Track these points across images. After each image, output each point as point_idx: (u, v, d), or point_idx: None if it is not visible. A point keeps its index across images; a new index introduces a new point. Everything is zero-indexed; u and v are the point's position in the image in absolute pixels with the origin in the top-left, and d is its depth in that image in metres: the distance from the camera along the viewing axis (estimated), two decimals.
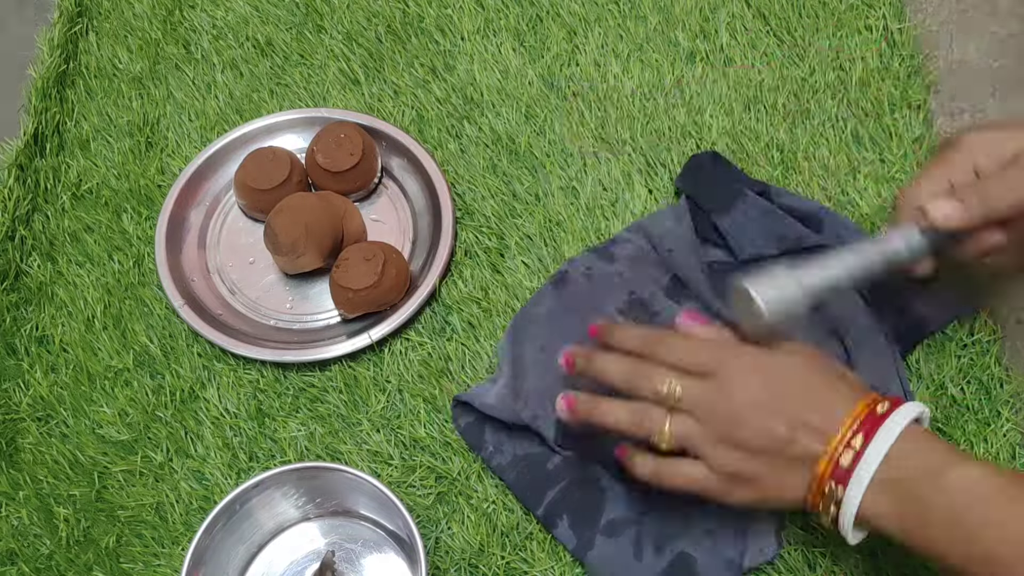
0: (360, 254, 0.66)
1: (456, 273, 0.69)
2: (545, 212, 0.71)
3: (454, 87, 0.77)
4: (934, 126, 0.72)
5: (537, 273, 0.68)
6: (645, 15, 0.79)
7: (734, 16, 0.78)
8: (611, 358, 0.54)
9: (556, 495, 0.59)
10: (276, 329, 0.68)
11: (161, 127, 0.78)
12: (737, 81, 0.75)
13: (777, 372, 0.51)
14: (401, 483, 0.62)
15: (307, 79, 0.79)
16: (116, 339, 0.68)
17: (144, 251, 0.72)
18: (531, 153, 0.73)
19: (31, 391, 0.66)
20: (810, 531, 0.58)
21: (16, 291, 0.70)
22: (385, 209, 0.74)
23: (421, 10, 0.81)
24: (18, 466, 0.64)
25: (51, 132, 0.77)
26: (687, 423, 0.51)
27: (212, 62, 0.81)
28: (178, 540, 0.61)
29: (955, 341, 0.63)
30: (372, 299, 0.65)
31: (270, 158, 0.70)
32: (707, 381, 0.51)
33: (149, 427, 0.65)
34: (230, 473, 0.63)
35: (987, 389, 0.61)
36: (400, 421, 0.64)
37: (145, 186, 0.75)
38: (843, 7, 0.77)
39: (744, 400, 0.50)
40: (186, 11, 0.84)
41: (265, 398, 0.65)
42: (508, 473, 0.60)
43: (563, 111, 0.75)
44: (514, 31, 0.80)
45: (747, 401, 0.50)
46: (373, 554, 0.60)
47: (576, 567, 0.59)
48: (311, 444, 0.63)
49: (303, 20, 0.82)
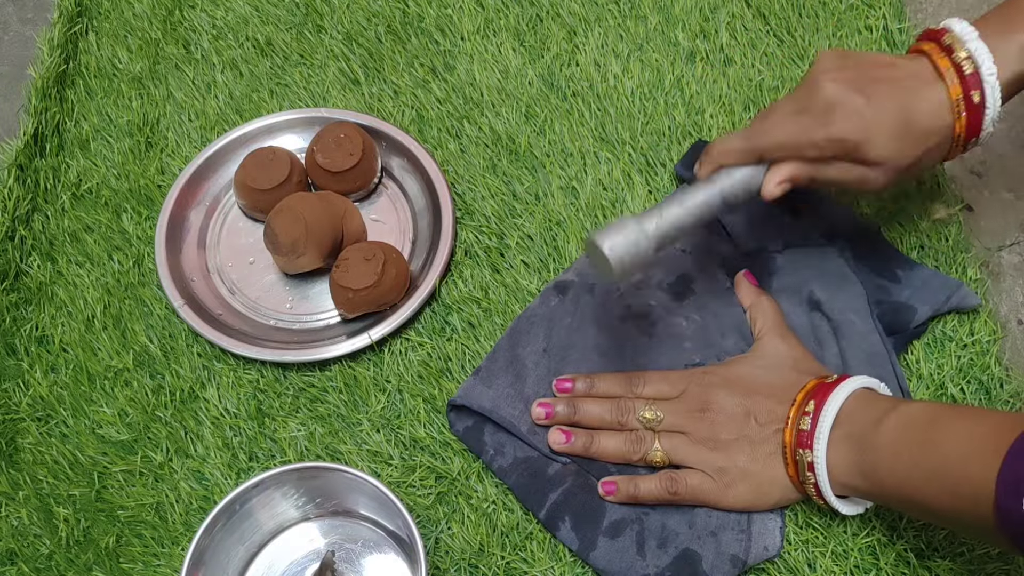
0: (360, 254, 0.66)
1: (456, 273, 0.69)
2: (545, 212, 0.71)
3: (454, 87, 0.77)
4: None
5: (537, 273, 0.68)
6: (645, 15, 0.79)
7: (734, 16, 0.78)
8: (593, 403, 0.60)
9: (558, 497, 0.59)
10: (276, 329, 0.68)
11: (161, 127, 0.78)
12: (737, 81, 0.75)
13: (740, 380, 0.58)
14: (401, 483, 0.62)
15: (307, 79, 0.79)
16: (116, 339, 0.68)
17: (144, 251, 0.72)
18: (531, 153, 0.73)
19: (31, 391, 0.66)
20: (811, 531, 0.58)
21: (16, 291, 0.70)
22: (385, 209, 0.74)
23: (421, 10, 0.81)
24: (18, 466, 0.64)
25: (51, 132, 0.77)
26: (673, 439, 0.58)
27: (212, 62, 0.81)
28: (178, 540, 0.61)
29: (955, 341, 0.63)
30: (372, 299, 0.65)
31: (270, 158, 0.70)
32: (682, 401, 0.59)
33: (149, 427, 0.65)
34: (230, 473, 0.63)
35: (987, 389, 0.61)
36: (400, 421, 0.64)
37: (145, 186, 0.75)
38: (843, 7, 0.77)
39: (715, 407, 0.58)
40: (186, 11, 0.84)
41: (265, 398, 0.65)
42: (510, 476, 0.60)
43: (563, 111, 0.75)
44: (514, 31, 0.80)
45: (717, 408, 0.57)
46: (373, 554, 0.59)
47: (576, 567, 0.59)
48: (311, 444, 0.63)
49: (303, 20, 0.82)
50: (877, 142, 0.53)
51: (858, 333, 0.62)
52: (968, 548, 0.57)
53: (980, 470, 0.44)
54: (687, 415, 0.58)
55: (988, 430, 0.46)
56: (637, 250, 0.53)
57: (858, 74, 0.54)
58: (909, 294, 0.63)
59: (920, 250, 0.67)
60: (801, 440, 0.54)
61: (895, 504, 0.53)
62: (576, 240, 0.69)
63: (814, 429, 0.53)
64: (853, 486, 0.53)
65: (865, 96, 0.53)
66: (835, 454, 0.53)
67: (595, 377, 0.61)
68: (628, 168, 0.72)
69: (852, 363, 0.61)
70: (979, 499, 0.44)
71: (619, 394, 0.60)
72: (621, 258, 0.53)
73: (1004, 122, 0.73)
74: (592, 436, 0.60)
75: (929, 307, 0.62)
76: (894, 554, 0.57)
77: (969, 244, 0.68)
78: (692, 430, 0.58)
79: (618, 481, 0.59)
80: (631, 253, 0.53)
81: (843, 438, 0.53)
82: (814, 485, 0.54)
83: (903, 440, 0.50)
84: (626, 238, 0.53)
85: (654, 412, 0.59)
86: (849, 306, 0.63)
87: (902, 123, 0.53)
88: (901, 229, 0.68)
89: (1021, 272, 0.67)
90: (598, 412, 0.60)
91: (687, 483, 0.57)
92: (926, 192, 0.69)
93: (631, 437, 0.59)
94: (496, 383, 0.62)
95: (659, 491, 0.57)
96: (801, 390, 0.56)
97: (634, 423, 0.59)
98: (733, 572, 0.56)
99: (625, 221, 0.54)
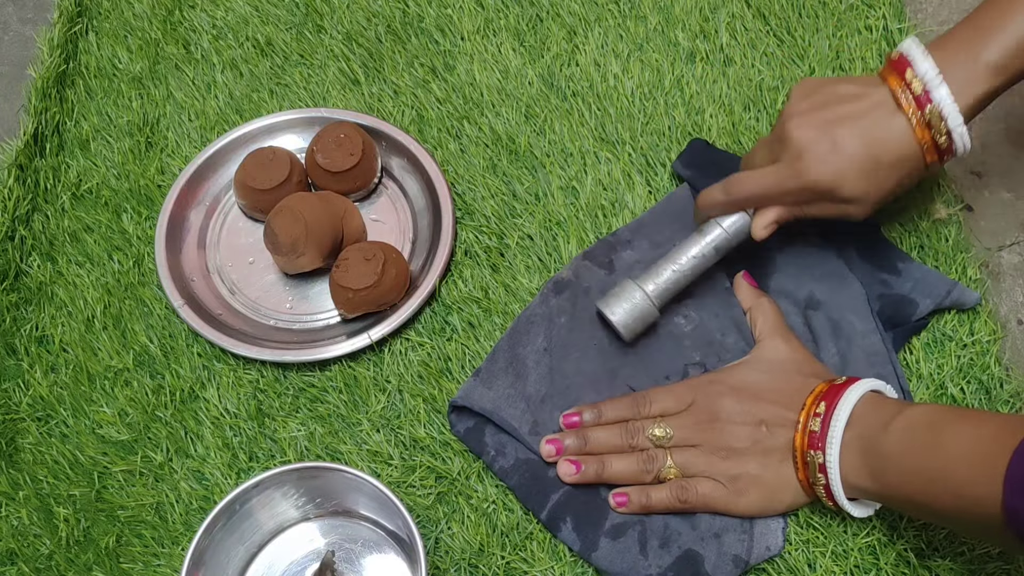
0: (360, 254, 0.66)
1: (456, 273, 0.69)
2: (545, 212, 0.71)
3: (454, 87, 0.77)
4: None
5: (537, 273, 0.68)
6: (645, 15, 0.79)
7: (734, 16, 0.78)
8: (602, 430, 0.60)
9: (560, 498, 0.59)
10: (276, 329, 0.68)
11: (161, 127, 0.78)
12: (737, 81, 0.75)
13: (746, 387, 0.58)
14: (401, 483, 0.62)
15: (307, 79, 0.79)
16: (116, 339, 0.68)
17: (144, 251, 0.72)
18: (531, 153, 0.73)
19: (31, 391, 0.66)
20: (811, 531, 0.58)
21: (16, 291, 0.70)
22: (385, 209, 0.74)
23: (421, 10, 0.81)
24: (18, 466, 0.64)
25: (51, 132, 0.77)
26: (685, 453, 0.58)
27: (212, 62, 0.81)
28: (178, 540, 0.61)
29: (955, 341, 0.63)
30: (372, 299, 0.65)
31: (270, 158, 0.70)
32: (690, 414, 0.58)
33: (149, 427, 0.65)
34: (230, 473, 0.63)
35: (987, 389, 0.61)
36: (400, 421, 0.64)
37: (145, 186, 0.75)
38: (843, 7, 0.77)
39: (724, 417, 0.57)
40: (186, 11, 0.84)
41: (265, 398, 0.65)
42: (511, 477, 0.60)
43: (563, 111, 0.75)
44: (514, 31, 0.80)
45: (726, 417, 0.57)
46: (373, 554, 0.59)
47: (577, 567, 0.59)
48: (311, 444, 0.63)
49: (303, 20, 0.82)
50: (848, 183, 0.55)
51: (857, 333, 0.62)
52: (968, 548, 0.57)
53: (986, 471, 0.44)
54: (697, 428, 0.58)
55: (993, 431, 0.46)
56: (640, 313, 0.61)
57: (825, 114, 0.56)
58: (910, 287, 0.63)
59: (920, 250, 0.67)
60: (812, 442, 0.54)
61: (901, 506, 0.53)
62: (576, 240, 0.69)
63: (825, 431, 0.53)
64: (863, 488, 0.53)
65: (830, 139, 0.55)
66: (846, 456, 0.53)
67: (601, 405, 0.61)
68: (628, 168, 0.72)
69: (852, 363, 0.61)
70: (986, 500, 0.44)
71: (627, 417, 0.60)
72: (628, 324, 0.61)
73: (1003, 122, 0.73)
74: (603, 462, 0.59)
75: (931, 300, 0.62)
76: (894, 554, 0.57)
77: (969, 244, 0.68)
78: (703, 441, 0.57)
79: (629, 492, 0.58)
80: (635, 318, 0.61)
81: (853, 440, 0.53)
82: (824, 487, 0.54)
83: (909, 443, 0.50)
84: (631, 305, 0.61)
85: (664, 429, 0.58)
86: (848, 306, 0.63)
87: (870, 160, 0.55)
88: (901, 229, 0.68)
89: (1021, 272, 0.67)
90: (607, 438, 0.59)
91: (698, 491, 0.57)
92: (926, 192, 0.69)
93: (642, 457, 0.58)
94: (496, 384, 0.62)
95: (670, 500, 0.57)
96: (810, 394, 0.56)
97: (644, 443, 0.58)
98: (735, 572, 0.56)
99: (627, 287, 0.61)
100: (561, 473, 0.59)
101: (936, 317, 0.64)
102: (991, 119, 0.74)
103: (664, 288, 0.61)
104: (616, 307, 0.61)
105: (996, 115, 0.74)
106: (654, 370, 0.63)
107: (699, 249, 0.61)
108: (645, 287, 0.61)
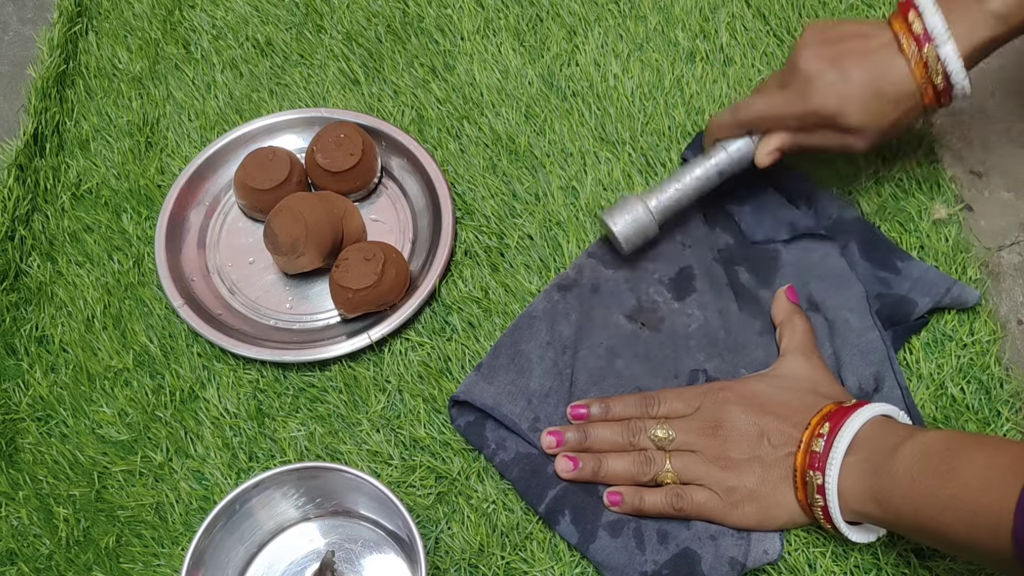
0: (360, 254, 0.66)
1: (456, 273, 0.69)
2: (545, 212, 0.71)
3: (454, 87, 0.77)
4: (933, 126, 0.72)
5: (537, 273, 0.68)
6: (645, 15, 0.79)
7: (734, 16, 0.78)
8: (604, 427, 0.60)
9: (559, 492, 0.59)
10: (276, 329, 0.68)
11: (161, 127, 0.78)
12: (737, 81, 0.75)
13: (755, 398, 0.57)
14: (401, 483, 0.62)
15: (307, 79, 0.79)
16: (116, 339, 0.68)
17: (144, 251, 0.72)
18: (531, 153, 0.73)
19: (31, 391, 0.66)
20: (811, 532, 0.58)
21: (16, 291, 0.70)
22: (385, 209, 0.74)
23: (421, 10, 0.81)
24: (18, 466, 0.64)
25: (51, 132, 0.77)
26: (684, 457, 0.58)
27: (212, 62, 0.81)
28: (178, 540, 0.61)
29: (955, 341, 0.63)
30: (372, 299, 0.65)
31: (270, 158, 0.70)
32: (695, 418, 0.58)
33: (149, 427, 0.65)
34: (230, 473, 0.63)
35: (987, 389, 0.61)
36: (400, 421, 0.64)
37: (145, 186, 0.75)
38: (843, 7, 0.77)
39: (728, 425, 0.57)
40: (186, 11, 0.84)
41: (265, 398, 0.65)
42: (511, 470, 0.60)
43: (563, 111, 0.75)
44: (514, 31, 0.80)
45: (730, 426, 0.57)
46: (373, 554, 0.60)
47: (576, 567, 0.59)
48: (311, 444, 0.63)
49: (303, 20, 0.82)
50: (851, 112, 0.58)
51: (853, 330, 0.62)
52: None
53: (998, 500, 0.44)
54: (699, 432, 0.57)
55: (1008, 460, 0.45)
56: (640, 227, 0.63)
57: (835, 48, 0.59)
58: (909, 286, 0.63)
59: (920, 250, 0.67)
60: (813, 462, 0.53)
61: (909, 532, 0.52)
62: (576, 240, 0.69)
63: (827, 452, 0.53)
64: (865, 512, 0.52)
65: (838, 70, 0.58)
66: (848, 479, 0.52)
67: (611, 400, 0.61)
68: (628, 168, 0.72)
69: (845, 360, 0.61)
70: (997, 529, 0.44)
71: (634, 415, 0.60)
72: (628, 236, 0.63)
73: (1003, 122, 0.73)
74: (600, 460, 0.59)
75: (930, 298, 0.62)
76: (894, 554, 0.57)
77: (969, 244, 0.68)
78: (703, 448, 0.57)
79: (623, 492, 0.58)
80: (635, 231, 0.63)
81: (857, 463, 0.52)
82: (823, 508, 0.53)
83: (920, 468, 0.49)
84: (632, 217, 0.63)
85: (666, 431, 0.58)
86: (846, 305, 0.63)
87: (872, 93, 0.58)
88: (901, 229, 0.68)
89: (1021, 272, 0.67)
90: (609, 435, 0.59)
91: (693, 499, 0.56)
92: (926, 192, 0.69)
93: (640, 458, 0.58)
94: (497, 379, 0.62)
95: (664, 506, 0.57)
96: (817, 414, 0.55)
97: (645, 442, 0.58)
98: (732, 574, 0.56)
99: (629, 200, 0.64)
100: (558, 469, 0.59)
101: (936, 317, 0.64)
102: (991, 119, 0.74)
103: (666, 205, 0.64)
104: (618, 218, 0.63)
105: (996, 115, 0.74)
106: (661, 370, 0.63)
107: (703, 171, 0.64)
108: (648, 202, 0.63)
